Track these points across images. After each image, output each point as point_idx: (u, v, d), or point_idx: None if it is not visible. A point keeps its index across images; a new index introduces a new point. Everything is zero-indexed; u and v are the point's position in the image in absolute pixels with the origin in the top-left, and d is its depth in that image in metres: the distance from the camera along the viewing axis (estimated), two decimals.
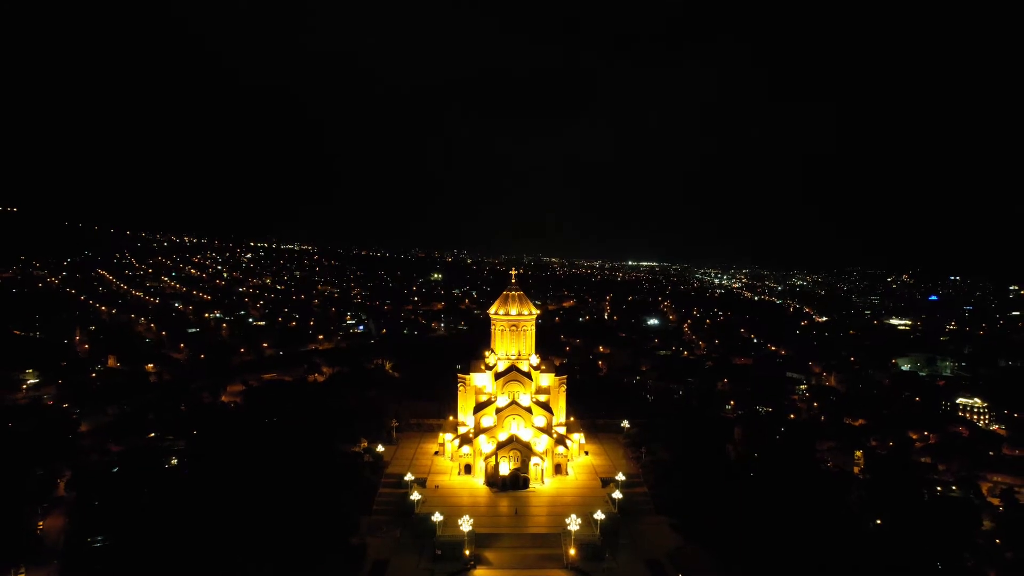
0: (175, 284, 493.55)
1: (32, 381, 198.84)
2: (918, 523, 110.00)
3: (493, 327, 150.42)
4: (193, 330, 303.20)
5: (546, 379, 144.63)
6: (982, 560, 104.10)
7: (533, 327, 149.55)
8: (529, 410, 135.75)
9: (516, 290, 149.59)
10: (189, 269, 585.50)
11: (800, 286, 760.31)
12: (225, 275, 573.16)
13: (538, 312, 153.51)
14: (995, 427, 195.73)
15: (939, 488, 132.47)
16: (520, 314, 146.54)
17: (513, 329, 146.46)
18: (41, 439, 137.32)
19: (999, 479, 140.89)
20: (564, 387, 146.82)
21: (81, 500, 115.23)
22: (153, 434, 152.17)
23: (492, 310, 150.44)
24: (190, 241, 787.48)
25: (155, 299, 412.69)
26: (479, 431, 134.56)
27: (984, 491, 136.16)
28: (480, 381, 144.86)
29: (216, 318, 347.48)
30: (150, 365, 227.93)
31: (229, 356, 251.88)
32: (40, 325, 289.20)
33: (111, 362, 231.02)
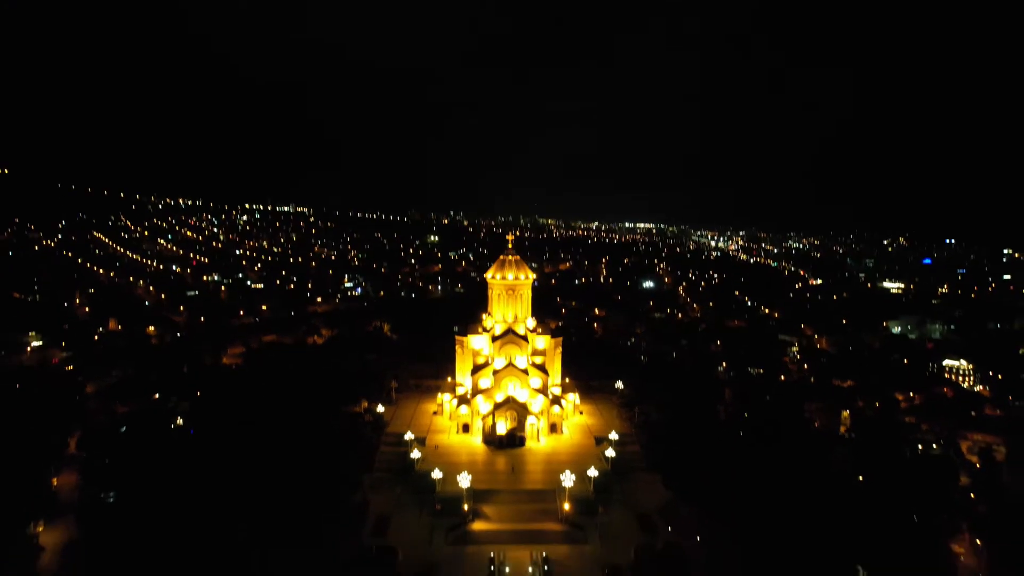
0: (172, 247, 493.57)
1: (36, 344, 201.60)
2: (899, 480, 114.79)
3: (490, 291, 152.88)
4: (192, 293, 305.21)
5: (542, 341, 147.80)
6: (956, 514, 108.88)
7: (529, 291, 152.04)
8: (525, 372, 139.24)
9: (513, 255, 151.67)
10: (185, 232, 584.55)
11: (796, 249, 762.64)
12: (221, 238, 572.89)
13: (534, 276, 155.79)
14: (979, 388, 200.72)
15: (920, 447, 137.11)
16: (517, 278, 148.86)
17: (510, 293, 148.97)
18: (50, 400, 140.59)
19: (979, 437, 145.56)
20: (560, 349, 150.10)
21: (91, 459, 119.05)
22: (157, 395, 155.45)
23: (489, 274, 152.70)
24: (185, 203, 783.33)
25: (153, 262, 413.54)
26: (477, 392, 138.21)
27: (964, 449, 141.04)
28: (478, 344, 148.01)
29: (214, 281, 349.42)
30: (151, 328, 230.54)
31: (228, 319, 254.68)
32: (39, 288, 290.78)
33: (112, 325, 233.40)
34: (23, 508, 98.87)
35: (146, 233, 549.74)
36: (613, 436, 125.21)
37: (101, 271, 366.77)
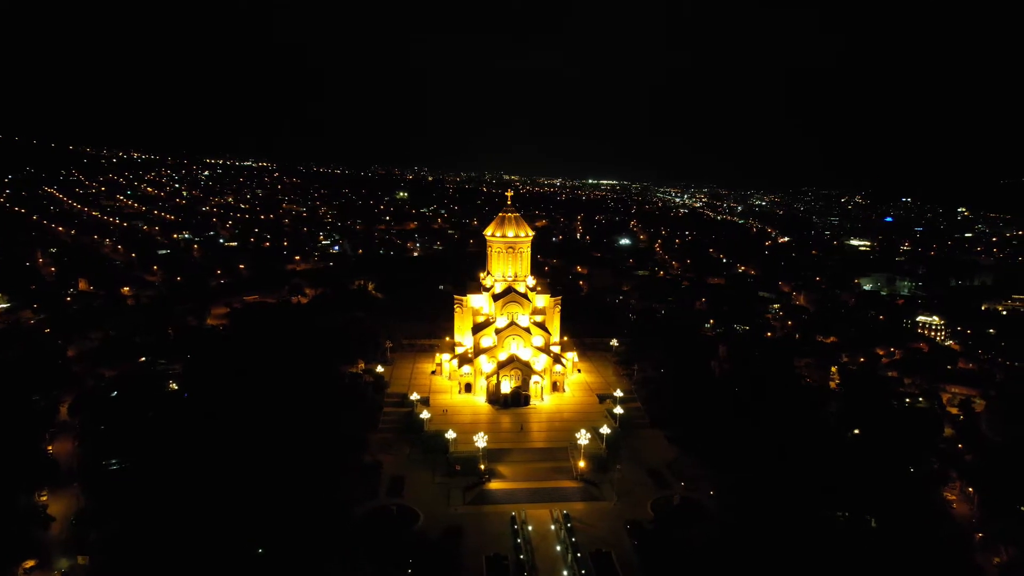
0: (133, 203, 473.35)
1: (3, 305, 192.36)
2: (889, 432, 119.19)
3: (489, 249, 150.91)
4: (164, 252, 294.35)
5: (542, 300, 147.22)
6: (946, 463, 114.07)
7: (529, 249, 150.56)
8: (528, 330, 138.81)
9: (512, 212, 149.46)
10: (145, 187, 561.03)
11: (759, 206, 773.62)
12: (184, 193, 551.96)
13: (534, 234, 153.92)
14: (949, 343, 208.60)
15: (907, 400, 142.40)
16: (517, 236, 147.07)
17: (510, 251, 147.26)
18: (31, 365, 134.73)
19: (957, 390, 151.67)
20: (559, 308, 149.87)
21: (86, 425, 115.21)
22: (144, 358, 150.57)
23: (488, 232, 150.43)
24: (140, 157, 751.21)
25: (115, 219, 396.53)
26: (479, 351, 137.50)
27: (944, 401, 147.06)
28: (477, 302, 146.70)
29: (186, 239, 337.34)
30: (125, 288, 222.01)
31: (206, 278, 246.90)
32: None
33: (82, 285, 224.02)
34: (21, 476, 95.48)
35: (103, 188, 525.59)
36: (618, 394, 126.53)
37: (60, 228, 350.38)
